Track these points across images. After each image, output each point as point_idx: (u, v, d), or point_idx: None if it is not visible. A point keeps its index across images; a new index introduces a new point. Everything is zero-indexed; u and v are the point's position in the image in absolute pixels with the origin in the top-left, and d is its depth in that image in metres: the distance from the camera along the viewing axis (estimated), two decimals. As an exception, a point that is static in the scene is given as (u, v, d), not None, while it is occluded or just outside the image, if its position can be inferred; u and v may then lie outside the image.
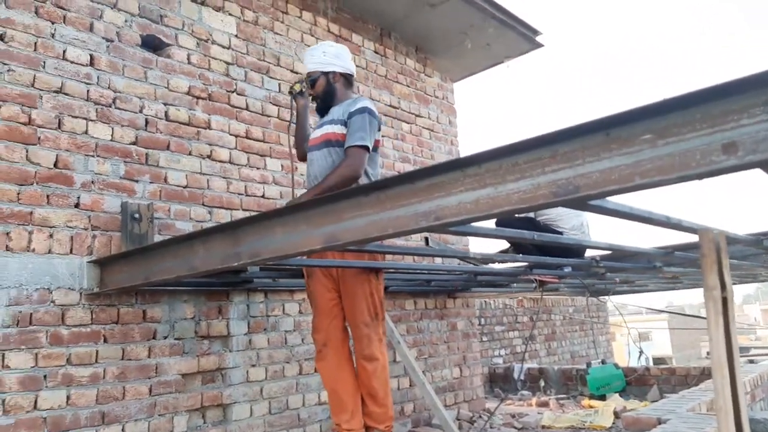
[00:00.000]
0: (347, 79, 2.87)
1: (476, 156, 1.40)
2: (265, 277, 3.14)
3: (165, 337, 2.90)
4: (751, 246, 2.61)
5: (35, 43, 2.71)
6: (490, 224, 2.59)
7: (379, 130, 2.76)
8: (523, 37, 4.85)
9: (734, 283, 5.29)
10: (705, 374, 5.70)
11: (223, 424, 3.08)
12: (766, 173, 1.15)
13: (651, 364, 8.40)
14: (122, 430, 2.68)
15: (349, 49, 2.97)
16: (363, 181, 2.58)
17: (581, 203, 1.32)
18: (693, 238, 1.97)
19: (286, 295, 3.55)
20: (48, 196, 2.61)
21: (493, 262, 3.28)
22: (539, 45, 4.99)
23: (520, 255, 3.16)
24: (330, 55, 2.84)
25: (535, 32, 4.87)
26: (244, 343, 3.27)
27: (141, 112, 3.03)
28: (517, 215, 2.46)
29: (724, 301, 1.31)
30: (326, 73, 2.83)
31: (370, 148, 2.64)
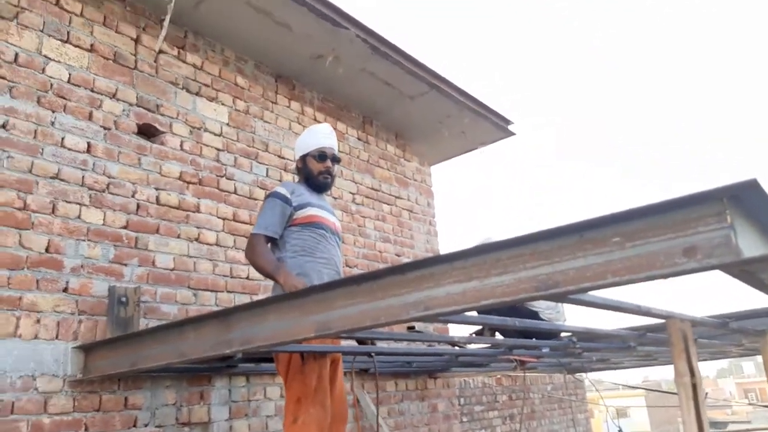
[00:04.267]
0: None
1: (463, 252, 1.51)
2: (248, 361, 3.15)
3: (146, 425, 2.86)
4: (716, 329, 2.75)
5: (35, 131, 2.82)
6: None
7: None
8: (496, 126, 5.15)
9: (706, 359, 5.35)
10: (684, 454, 5.68)
11: None
12: (725, 274, 1.28)
13: (631, 443, 8.30)
14: None
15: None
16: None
17: (561, 297, 1.43)
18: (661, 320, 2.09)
19: (268, 379, 3.53)
20: (38, 281, 2.64)
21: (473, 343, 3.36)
22: (511, 133, 5.30)
23: (500, 336, 3.24)
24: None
25: (507, 122, 5.19)
26: (225, 429, 3.22)
27: (133, 196, 3.13)
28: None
29: (694, 387, 1.41)
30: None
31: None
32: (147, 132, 3.34)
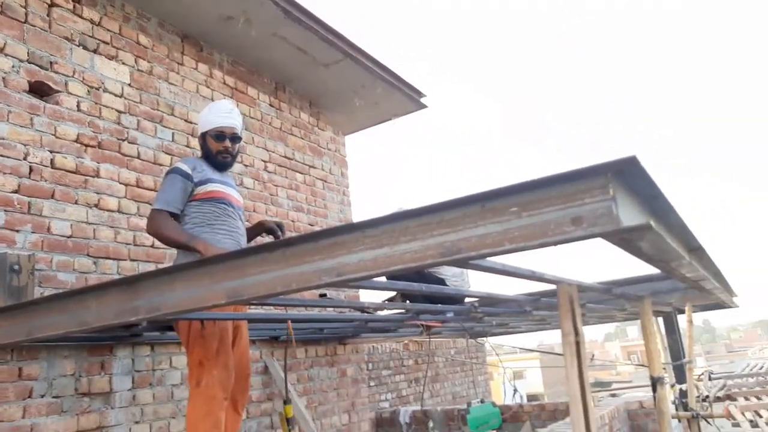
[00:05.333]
0: None
1: (374, 220, 1.57)
2: (154, 330, 3.08)
3: (42, 396, 2.74)
4: (602, 294, 3.01)
5: None
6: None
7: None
8: (408, 98, 5.24)
9: (595, 323, 5.87)
10: (571, 409, 6.20)
11: (104, 487, 2.93)
12: (608, 241, 1.42)
13: (525, 401, 8.95)
14: (-11, 501, 2.48)
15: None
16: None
17: (463, 262, 1.53)
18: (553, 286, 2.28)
19: (174, 348, 3.47)
20: None
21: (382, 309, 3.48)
22: (423, 106, 5.41)
23: (409, 302, 3.37)
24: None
25: (420, 94, 5.29)
26: (128, 399, 3.16)
27: (25, 159, 2.92)
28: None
29: (577, 345, 1.56)
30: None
31: None
32: (40, 91, 3.11)
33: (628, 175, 1.31)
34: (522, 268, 1.86)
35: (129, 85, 3.58)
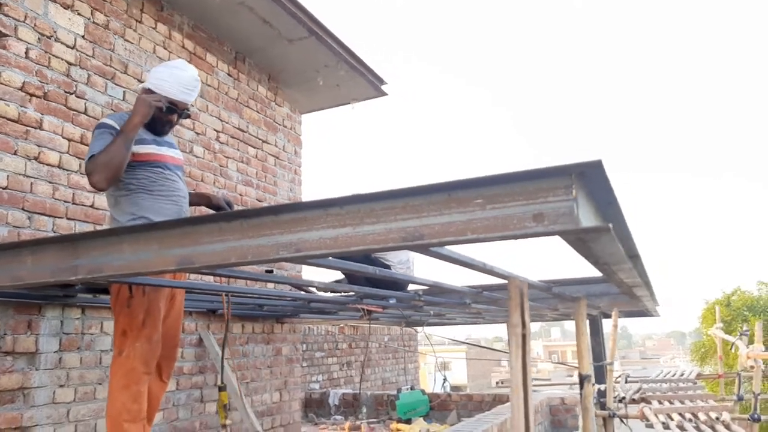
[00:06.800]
0: None
1: (339, 199, 1.57)
2: (87, 292, 2.97)
3: (-38, 353, 2.60)
4: (543, 291, 3.13)
5: None
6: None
7: None
8: (370, 84, 5.22)
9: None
10: (496, 401, 6.45)
11: (22, 451, 2.81)
12: (564, 240, 1.48)
13: (449, 391, 9.20)
14: None
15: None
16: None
17: (424, 249, 1.55)
18: (499, 280, 2.35)
19: (106, 313, 3.36)
20: None
21: (332, 291, 3.48)
22: (384, 93, 5.41)
23: (354, 286, 3.39)
24: None
25: (381, 81, 5.28)
26: (54, 361, 3.04)
27: (-38, 100, 2.74)
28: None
29: (524, 337, 1.62)
30: None
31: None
32: (-14, 31, 2.92)
33: (589, 178, 1.36)
34: (475, 259, 1.91)
35: (83, 37, 3.41)
